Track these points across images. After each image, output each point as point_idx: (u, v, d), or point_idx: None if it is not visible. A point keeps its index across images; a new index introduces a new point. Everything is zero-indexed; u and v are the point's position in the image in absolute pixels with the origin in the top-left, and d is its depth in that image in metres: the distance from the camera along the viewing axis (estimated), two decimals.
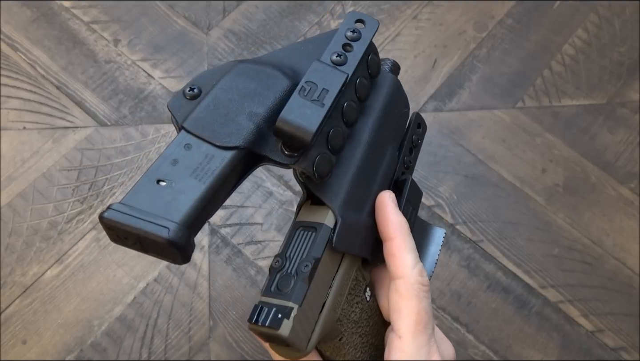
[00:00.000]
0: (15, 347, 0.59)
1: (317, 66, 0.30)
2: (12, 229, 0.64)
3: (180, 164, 0.27)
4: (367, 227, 0.33)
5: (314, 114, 0.28)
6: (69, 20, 0.77)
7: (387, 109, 0.35)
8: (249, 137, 0.28)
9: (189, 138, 0.28)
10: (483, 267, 0.65)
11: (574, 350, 0.62)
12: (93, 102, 0.72)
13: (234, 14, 0.79)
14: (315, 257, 0.29)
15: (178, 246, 0.24)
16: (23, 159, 0.68)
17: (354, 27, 0.32)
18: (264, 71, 0.31)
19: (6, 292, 0.61)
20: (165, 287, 0.62)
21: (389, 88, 0.36)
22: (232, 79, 0.30)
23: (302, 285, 0.28)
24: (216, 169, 0.27)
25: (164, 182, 0.26)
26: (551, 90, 0.76)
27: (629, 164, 0.72)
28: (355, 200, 0.32)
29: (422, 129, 0.39)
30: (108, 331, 0.60)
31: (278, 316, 0.27)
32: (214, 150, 0.27)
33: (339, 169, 0.31)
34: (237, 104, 0.29)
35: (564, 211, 0.69)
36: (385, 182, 0.35)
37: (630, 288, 0.65)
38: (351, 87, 0.32)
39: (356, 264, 0.33)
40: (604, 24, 0.82)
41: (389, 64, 0.37)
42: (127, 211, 0.25)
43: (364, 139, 0.33)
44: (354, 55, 0.31)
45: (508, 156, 0.72)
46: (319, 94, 0.28)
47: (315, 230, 0.30)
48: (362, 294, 0.33)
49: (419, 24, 0.80)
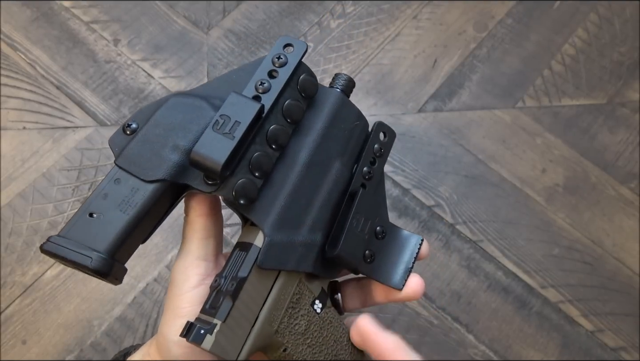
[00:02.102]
0: (15, 347, 0.59)
1: (232, 98, 0.31)
2: (12, 229, 0.64)
3: (109, 197, 0.30)
4: (307, 243, 0.34)
5: (223, 147, 0.29)
6: (69, 20, 0.77)
7: (328, 126, 0.36)
8: (171, 170, 0.30)
9: (120, 173, 0.31)
10: (483, 267, 0.65)
11: (574, 350, 0.62)
12: (93, 102, 0.72)
13: (234, 14, 0.79)
14: (241, 276, 0.31)
15: (101, 273, 0.28)
16: (23, 159, 0.68)
17: (280, 53, 0.34)
18: (192, 104, 0.33)
19: (6, 292, 0.61)
20: (165, 287, 0.62)
21: (331, 104, 0.36)
22: (162, 113, 0.32)
23: (227, 303, 0.30)
24: (139, 201, 0.30)
25: (95, 214, 0.29)
26: (551, 90, 0.76)
27: (629, 164, 0.72)
28: (291, 219, 0.33)
29: (389, 137, 0.39)
30: (108, 331, 0.60)
31: (201, 332, 0.29)
32: (140, 183, 0.30)
33: (270, 191, 0.33)
34: (163, 138, 0.31)
35: (564, 211, 0.69)
36: (333, 197, 0.35)
37: (630, 288, 0.65)
38: (278, 111, 0.33)
39: (297, 279, 0.34)
40: (604, 24, 0.82)
41: (341, 80, 0.38)
42: (61, 242, 0.28)
43: (299, 159, 0.34)
44: (278, 82, 0.33)
45: (508, 156, 0.72)
46: (231, 126, 0.30)
47: (247, 250, 0.32)
48: (309, 307, 0.34)
49: (419, 24, 0.80)
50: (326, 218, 0.35)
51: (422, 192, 0.69)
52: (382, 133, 0.39)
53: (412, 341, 0.61)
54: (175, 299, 0.33)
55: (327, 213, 0.35)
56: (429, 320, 0.62)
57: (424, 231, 0.66)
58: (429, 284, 0.64)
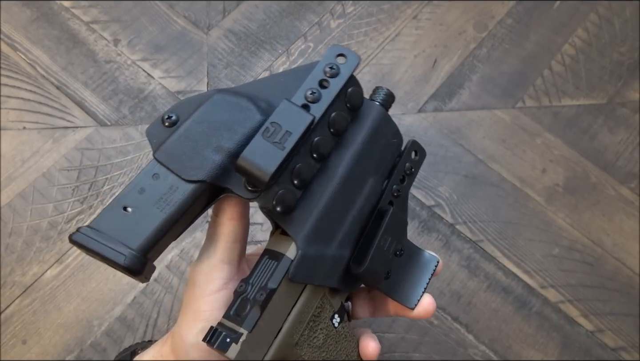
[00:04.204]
0: (15, 347, 0.59)
1: (284, 106, 0.30)
2: (12, 229, 0.64)
3: (146, 193, 0.29)
4: (336, 258, 0.33)
5: (273, 157, 0.29)
6: (69, 20, 0.77)
7: (369, 141, 0.35)
8: (213, 172, 0.30)
9: (158, 168, 0.30)
10: (483, 267, 0.65)
11: (574, 350, 0.62)
12: (93, 102, 0.72)
13: (234, 14, 0.79)
14: (271, 287, 0.31)
15: (133, 271, 0.27)
16: (23, 159, 0.68)
17: (333, 63, 0.33)
18: (238, 104, 0.32)
19: (6, 292, 0.61)
20: (165, 287, 0.62)
21: (373, 119, 0.36)
22: (206, 110, 0.31)
23: (255, 313, 0.30)
24: (178, 200, 0.29)
25: (129, 208, 0.28)
26: (551, 90, 0.76)
27: (629, 164, 0.72)
28: (323, 233, 0.33)
29: (420, 156, 0.39)
30: (108, 331, 0.60)
31: (227, 340, 0.29)
32: (179, 182, 0.29)
33: (307, 202, 0.32)
34: (206, 137, 0.30)
35: (564, 211, 0.69)
36: (364, 213, 0.35)
37: (630, 288, 0.65)
38: (324, 123, 0.33)
39: (321, 293, 0.34)
40: (604, 24, 0.82)
41: (382, 94, 0.37)
42: (92, 235, 0.27)
43: (338, 173, 0.34)
44: (329, 93, 0.32)
45: (508, 156, 0.72)
46: (282, 136, 0.29)
47: (278, 260, 0.32)
48: (328, 321, 0.34)
49: (419, 24, 0.80)
50: (355, 234, 0.35)
51: (422, 192, 0.69)
52: (414, 152, 0.39)
53: (412, 341, 0.61)
54: (196, 301, 0.32)
55: (357, 228, 0.35)
56: (429, 320, 0.62)
57: (423, 231, 0.66)
58: (429, 285, 0.64)
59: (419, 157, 0.39)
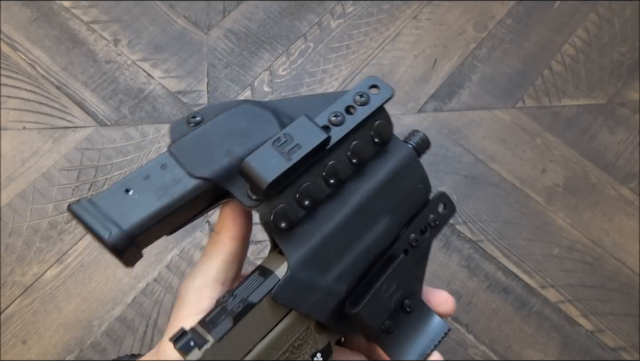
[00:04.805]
0: (15, 347, 0.59)
1: (301, 121, 0.30)
2: (12, 229, 0.64)
3: (150, 179, 0.29)
4: (329, 292, 0.32)
5: (276, 166, 0.29)
6: (69, 20, 0.77)
7: (391, 179, 0.34)
8: (218, 172, 0.30)
9: (168, 159, 0.30)
10: (483, 267, 0.65)
11: (574, 350, 0.62)
12: (93, 102, 0.72)
13: (234, 14, 0.79)
14: (251, 301, 0.30)
15: (116, 250, 0.27)
16: (23, 159, 0.68)
17: (364, 92, 0.32)
18: (261, 115, 0.32)
19: (6, 292, 0.61)
20: (165, 287, 0.62)
21: (400, 159, 0.34)
22: (228, 116, 0.32)
23: (227, 323, 0.29)
24: (178, 192, 0.29)
25: (130, 192, 0.29)
26: (551, 90, 0.76)
27: (629, 164, 0.72)
28: (321, 261, 0.32)
29: (448, 211, 0.36)
30: (108, 331, 0.60)
31: (190, 343, 0.28)
32: (184, 175, 0.30)
33: (309, 225, 0.31)
34: (221, 140, 0.31)
35: (564, 211, 0.69)
36: (371, 253, 0.34)
37: (630, 288, 0.65)
38: (343, 149, 0.32)
39: (306, 324, 0.32)
40: (604, 24, 0.82)
41: (417, 137, 0.36)
42: (89, 208, 0.28)
43: (349, 203, 0.33)
44: (353, 119, 0.32)
45: (508, 156, 0.72)
46: (291, 148, 0.29)
47: (265, 276, 0.31)
48: (308, 357, 0.33)
49: (419, 24, 0.80)
50: (357, 272, 0.33)
51: None
52: (442, 205, 0.37)
53: None
54: (183, 319, 0.31)
55: (360, 267, 0.33)
56: None
57: None
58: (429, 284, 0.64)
59: (447, 212, 0.36)
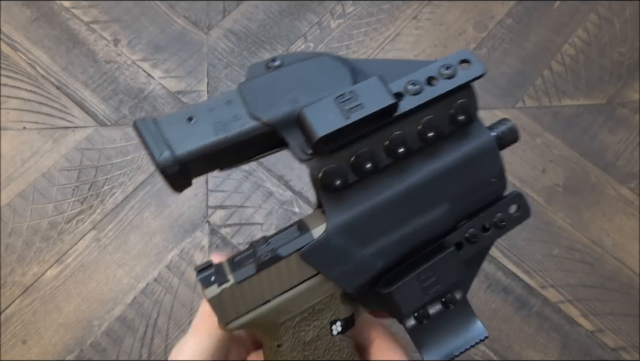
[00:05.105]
0: (15, 347, 0.59)
1: (372, 81, 0.28)
2: (12, 229, 0.64)
3: (213, 112, 0.29)
4: (363, 264, 0.31)
5: (331, 121, 0.27)
6: (69, 20, 0.77)
7: (461, 165, 0.31)
8: (278, 118, 0.29)
9: (234, 96, 0.30)
10: (483, 267, 0.65)
11: (574, 350, 0.62)
12: (93, 102, 0.72)
13: (234, 14, 0.79)
14: (280, 254, 0.30)
15: (163, 172, 0.27)
16: (23, 159, 0.68)
17: (453, 65, 0.30)
18: (337, 70, 0.31)
19: (6, 292, 0.61)
20: (165, 287, 0.62)
21: (477, 146, 0.31)
22: (305, 65, 0.31)
23: (251, 269, 0.29)
24: (235, 130, 0.29)
25: (192, 120, 0.29)
26: (551, 90, 0.76)
27: (629, 164, 0.72)
28: (362, 231, 0.30)
29: (521, 214, 0.33)
30: (108, 331, 0.60)
31: (211, 278, 0.29)
32: (244, 114, 0.29)
33: (359, 192, 0.30)
34: (289, 86, 0.30)
35: (564, 211, 0.69)
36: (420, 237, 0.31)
37: (630, 288, 0.65)
38: (414, 122, 0.30)
39: (331, 290, 0.31)
40: (604, 24, 0.82)
41: (503, 127, 0.33)
42: (151, 126, 0.28)
43: (408, 180, 0.30)
44: (431, 91, 0.29)
45: (508, 156, 0.72)
46: (353, 107, 0.28)
47: (301, 233, 0.30)
48: (327, 324, 0.32)
49: (419, 24, 0.80)
50: (398, 253, 0.31)
51: None
52: (515, 206, 0.33)
53: None
54: None
55: (403, 248, 0.31)
56: None
57: None
58: None
59: (518, 215, 0.33)
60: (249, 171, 0.69)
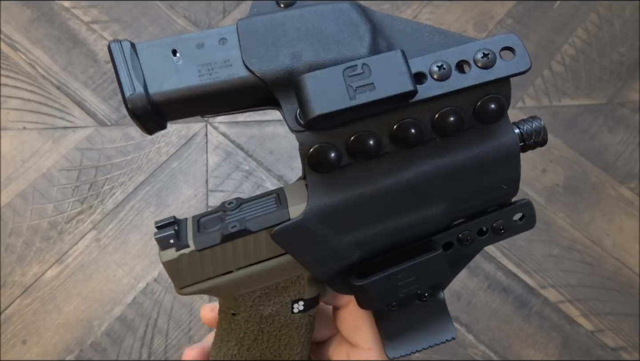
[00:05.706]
0: (15, 347, 0.59)
1: (392, 55, 0.24)
2: (12, 229, 0.64)
3: (202, 50, 0.25)
4: (338, 253, 0.28)
5: (334, 99, 0.23)
6: (69, 20, 0.77)
7: (472, 165, 0.27)
8: (273, 73, 0.25)
9: (230, 35, 0.25)
10: (483, 267, 0.65)
11: (574, 350, 0.62)
12: (93, 102, 0.72)
13: (234, 14, 0.79)
14: (248, 228, 0.27)
15: (132, 111, 0.24)
16: (23, 159, 0.68)
17: (493, 51, 0.25)
18: (356, 27, 0.26)
19: (6, 292, 0.61)
20: (165, 287, 0.62)
21: (497, 148, 0.28)
22: (320, 12, 0.26)
23: (214, 238, 0.27)
24: (221, 78, 0.25)
25: (177, 54, 0.25)
26: (551, 90, 0.76)
27: (629, 164, 0.72)
28: (344, 219, 0.27)
29: (524, 224, 0.30)
30: (108, 331, 0.60)
31: (170, 241, 0.26)
32: (237, 62, 0.25)
33: (351, 176, 0.26)
34: (297, 37, 0.25)
35: (564, 211, 0.69)
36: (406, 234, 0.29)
37: (630, 288, 0.65)
38: (430, 109, 0.25)
39: (298, 273, 0.29)
40: (604, 24, 0.82)
41: (530, 126, 0.29)
42: (127, 53, 0.25)
43: (410, 172, 0.27)
44: (460, 80, 0.25)
45: None
46: (363, 85, 0.23)
47: (278, 208, 0.28)
48: (288, 301, 0.30)
49: None
50: (380, 246, 0.29)
51: None
52: (520, 214, 0.30)
53: None
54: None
55: (387, 242, 0.29)
56: None
57: None
58: None
59: (521, 224, 0.30)
60: (249, 171, 0.69)
